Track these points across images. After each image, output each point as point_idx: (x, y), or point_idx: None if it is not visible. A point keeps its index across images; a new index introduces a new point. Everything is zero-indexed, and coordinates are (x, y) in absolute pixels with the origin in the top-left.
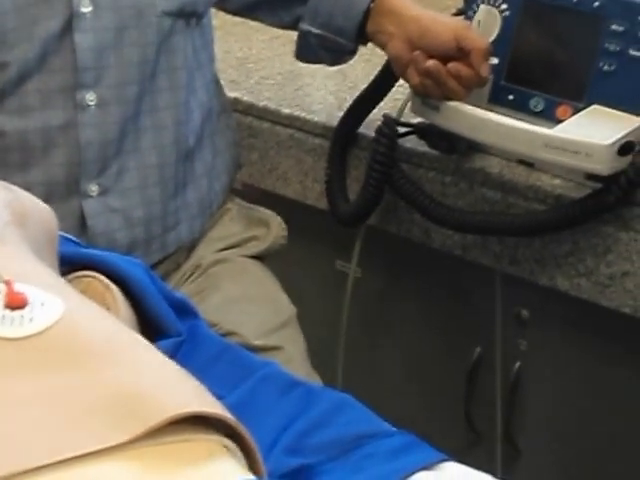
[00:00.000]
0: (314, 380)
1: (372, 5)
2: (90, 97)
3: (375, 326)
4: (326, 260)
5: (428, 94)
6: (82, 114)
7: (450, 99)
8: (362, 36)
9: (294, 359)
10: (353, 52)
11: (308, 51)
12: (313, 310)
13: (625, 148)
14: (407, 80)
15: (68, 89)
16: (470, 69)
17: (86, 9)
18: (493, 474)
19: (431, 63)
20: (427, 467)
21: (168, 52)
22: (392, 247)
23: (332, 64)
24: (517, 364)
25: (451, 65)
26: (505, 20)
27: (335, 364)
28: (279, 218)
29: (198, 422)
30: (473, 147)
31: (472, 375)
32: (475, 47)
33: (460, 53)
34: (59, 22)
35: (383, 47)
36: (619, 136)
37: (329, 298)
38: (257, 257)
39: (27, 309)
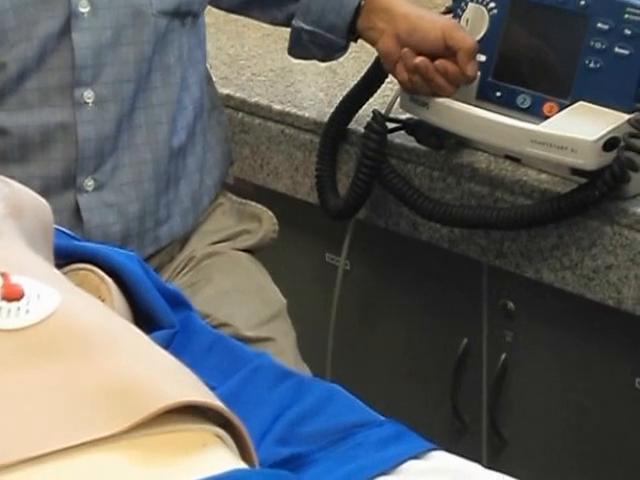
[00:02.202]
0: (303, 371)
1: (363, 2)
2: (88, 95)
3: (364, 318)
4: (316, 253)
5: (416, 90)
6: (80, 111)
7: (438, 95)
8: (353, 33)
9: (285, 350)
10: (344, 48)
11: (300, 47)
12: (303, 302)
13: (610, 144)
14: (396, 76)
15: (66, 87)
16: (457, 67)
17: (84, 9)
18: (479, 463)
19: (419, 60)
20: (416, 456)
21: (163, 50)
22: (381, 240)
23: (324, 60)
24: (503, 355)
25: (438, 62)
26: (493, 18)
27: (324, 355)
28: (270, 212)
29: (192, 412)
30: (461, 143)
31: (459, 366)
32: (462, 47)
33: (448, 51)
34: (58, 22)
35: (373, 43)
36: (604, 132)
37: (319, 290)
38: (248, 250)
39: (23, 301)
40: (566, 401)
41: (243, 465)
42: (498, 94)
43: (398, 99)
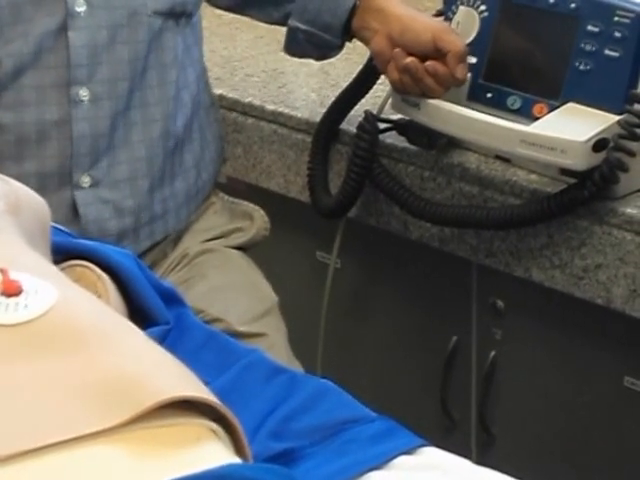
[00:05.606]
0: (295, 367)
1: (358, 2)
2: (83, 93)
3: (354, 315)
4: (307, 251)
5: (407, 91)
6: (75, 109)
7: (428, 96)
8: (348, 32)
9: (276, 346)
10: (340, 47)
11: (296, 46)
12: (294, 299)
13: (599, 145)
14: (387, 76)
15: (62, 85)
16: (447, 68)
17: (80, 8)
18: (468, 459)
19: (409, 60)
20: (407, 452)
21: (158, 50)
22: (371, 239)
23: (319, 59)
24: (492, 353)
25: (428, 63)
26: (483, 21)
27: (315, 351)
28: (262, 211)
29: (187, 407)
30: (452, 143)
31: (448, 363)
32: (451, 50)
33: (438, 53)
34: (54, 20)
35: (366, 43)
36: (593, 133)
37: (310, 288)
38: (241, 248)
39: (22, 296)
40: (555, 398)
41: (237, 459)
42: (489, 95)
43: (390, 100)
